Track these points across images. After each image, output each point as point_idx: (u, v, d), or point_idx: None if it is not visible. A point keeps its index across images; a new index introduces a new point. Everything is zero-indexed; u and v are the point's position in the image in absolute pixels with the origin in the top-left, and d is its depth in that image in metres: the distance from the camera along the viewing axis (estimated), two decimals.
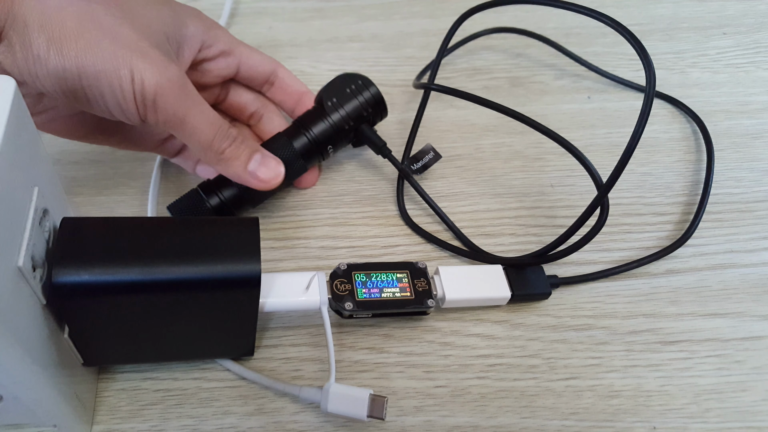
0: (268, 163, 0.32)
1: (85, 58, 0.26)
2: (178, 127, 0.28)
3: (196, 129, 0.29)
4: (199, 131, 0.29)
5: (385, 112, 0.37)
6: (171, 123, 0.28)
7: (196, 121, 0.29)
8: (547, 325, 0.33)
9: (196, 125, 0.29)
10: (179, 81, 0.28)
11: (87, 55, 0.26)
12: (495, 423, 0.29)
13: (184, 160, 0.38)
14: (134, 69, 0.26)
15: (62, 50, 0.25)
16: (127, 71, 0.26)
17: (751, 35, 0.51)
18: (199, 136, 0.29)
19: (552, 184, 0.40)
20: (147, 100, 0.27)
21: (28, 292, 0.21)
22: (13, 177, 0.21)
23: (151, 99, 0.27)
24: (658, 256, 0.35)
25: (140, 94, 0.27)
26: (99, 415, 0.29)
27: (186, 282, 0.24)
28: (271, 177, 0.32)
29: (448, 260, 0.36)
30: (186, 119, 0.28)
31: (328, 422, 0.29)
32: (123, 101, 0.27)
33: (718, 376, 0.31)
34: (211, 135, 0.30)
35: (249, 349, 0.30)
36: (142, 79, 0.26)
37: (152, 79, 0.27)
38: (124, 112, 0.28)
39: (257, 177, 0.31)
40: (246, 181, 0.32)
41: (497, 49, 0.49)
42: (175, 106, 0.28)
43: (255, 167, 0.31)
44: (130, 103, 0.27)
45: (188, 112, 0.28)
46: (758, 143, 0.43)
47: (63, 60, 0.25)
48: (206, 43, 0.33)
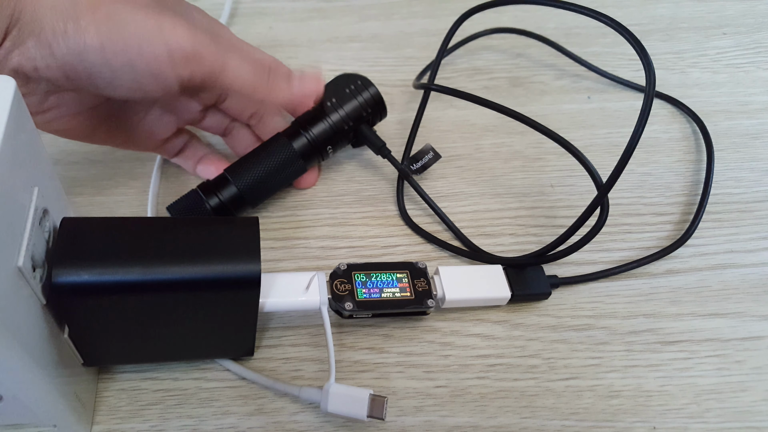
0: (305, 78, 0.33)
1: (107, 28, 0.25)
2: (221, 74, 0.28)
3: (238, 71, 0.29)
4: (242, 72, 0.29)
5: (385, 113, 0.37)
6: (215, 72, 0.28)
7: (235, 63, 0.29)
8: (547, 325, 0.33)
9: (237, 67, 0.29)
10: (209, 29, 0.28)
11: (109, 24, 0.25)
12: (495, 423, 0.29)
13: (185, 160, 0.38)
14: (164, 30, 0.26)
15: (80, 23, 0.25)
16: (157, 33, 0.26)
17: (751, 35, 0.51)
18: (243, 77, 0.29)
19: (552, 184, 0.40)
20: (187, 56, 0.26)
21: (28, 292, 0.21)
22: (13, 177, 0.21)
23: (191, 53, 0.27)
24: (658, 256, 0.35)
25: (178, 52, 0.26)
26: (99, 415, 0.29)
27: (186, 282, 0.24)
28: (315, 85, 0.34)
29: (448, 260, 0.36)
30: (227, 64, 0.28)
31: (328, 422, 0.29)
32: (156, 65, 0.26)
33: (718, 376, 0.31)
34: (252, 71, 0.30)
35: (249, 349, 0.30)
36: (176, 37, 0.26)
37: (185, 34, 0.26)
38: (156, 78, 0.27)
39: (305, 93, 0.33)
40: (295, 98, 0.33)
41: (497, 49, 0.49)
42: (214, 54, 0.28)
43: (298, 85, 0.33)
44: (164, 65, 0.26)
45: (226, 57, 0.28)
46: (758, 143, 0.43)
47: (83, 34, 0.25)
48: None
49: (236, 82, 0.29)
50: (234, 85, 0.29)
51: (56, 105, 0.29)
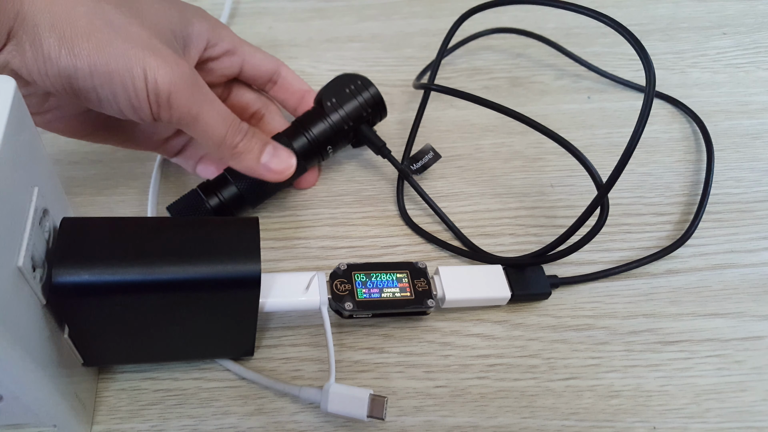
0: (280, 154, 0.32)
1: (98, 57, 0.26)
2: (192, 123, 0.29)
3: (209, 125, 0.29)
4: (213, 127, 0.29)
5: (385, 113, 0.37)
6: (185, 120, 0.28)
7: (209, 117, 0.29)
8: (547, 325, 0.33)
9: (209, 121, 0.29)
10: (191, 78, 0.28)
11: (99, 54, 0.26)
12: (495, 423, 0.29)
13: (185, 160, 0.38)
14: (147, 67, 0.26)
15: (74, 50, 0.25)
16: (140, 70, 0.26)
17: (751, 35, 0.51)
18: (212, 131, 0.29)
19: (552, 184, 0.40)
20: (161, 99, 0.27)
21: (28, 292, 0.21)
22: (13, 177, 0.21)
23: (165, 97, 0.27)
24: (658, 256, 0.35)
25: (154, 93, 0.27)
26: (99, 415, 0.29)
27: (186, 282, 0.24)
28: (283, 168, 0.32)
29: (448, 260, 0.36)
30: (199, 116, 0.28)
31: (328, 422, 0.29)
32: (136, 100, 0.27)
33: (718, 376, 0.31)
34: (224, 130, 0.30)
35: (249, 349, 0.30)
36: (156, 77, 0.26)
37: (165, 77, 0.27)
38: (136, 111, 0.28)
39: (270, 169, 0.32)
40: (260, 173, 0.32)
41: (497, 49, 0.49)
42: (188, 103, 0.28)
43: (268, 159, 0.32)
44: (143, 101, 0.27)
45: (201, 109, 0.28)
46: (758, 143, 0.43)
47: (74, 59, 0.25)
48: (211, 42, 0.33)
49: (204, 136, 0.29)
50: (202, 137, 0.29)
51: (56, 106, 0.30)
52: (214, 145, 0.30)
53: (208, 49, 0.33)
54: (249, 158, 0.31)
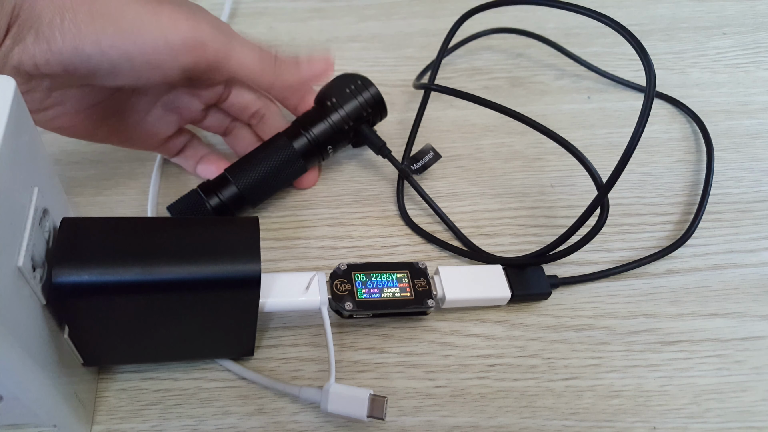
0: (315, 58, 0.34)
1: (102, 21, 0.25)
2: (227, 60, 0.29)
3: (244, 55, 0.30)
4: (248, 56, 0.30)
5: (385, 113, 0.37)
6: (219, 57, 0.29)
7: (240, 48, 0.30)
8: (547, 325, 0.33)
9: (242, 51, 0.30)
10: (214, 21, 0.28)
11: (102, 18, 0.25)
12: (495, 423, 0.29)
13: (185, 160, 0.37)
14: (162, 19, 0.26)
15: (76, 19, 0.25)
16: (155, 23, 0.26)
17: (751, 35, 0.51)
18: (250, 61, 0.30)
19: (552, 184, 0.40)
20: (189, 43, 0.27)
21: (28, 292, 0.21)
22: (13, 177, 0.21)
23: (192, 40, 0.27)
24: (658, 256, 0.35)
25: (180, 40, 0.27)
26: (99, 415, 0.29)
27: (186, 282, 0.24)
28: (327, 59, 0.34)
29: (448, 260, 0.36)
30: (232, 49, 0.29)
31: (328, 422, 0.29)
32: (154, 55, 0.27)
33: (718, 376, 0.31)
34: (258, 54, 0.30)
35: (249, 349, 0.30)
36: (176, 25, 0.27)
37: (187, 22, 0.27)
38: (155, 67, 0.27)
39: (318, 62, 0.33)
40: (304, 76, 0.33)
41: (497, 50, 0.49)
42: (218, 40, 0.28)
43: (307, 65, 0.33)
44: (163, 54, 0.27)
45: (230, 42, 0.29)
46: (758, 143, 0.43)
47: (79, 30, 0.25)
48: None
49: (243, 68, 0.30)
50: (240, 70, 0.30)
51: (58, 102, 0.29)
52: (258, 73, 0.30)
53: None
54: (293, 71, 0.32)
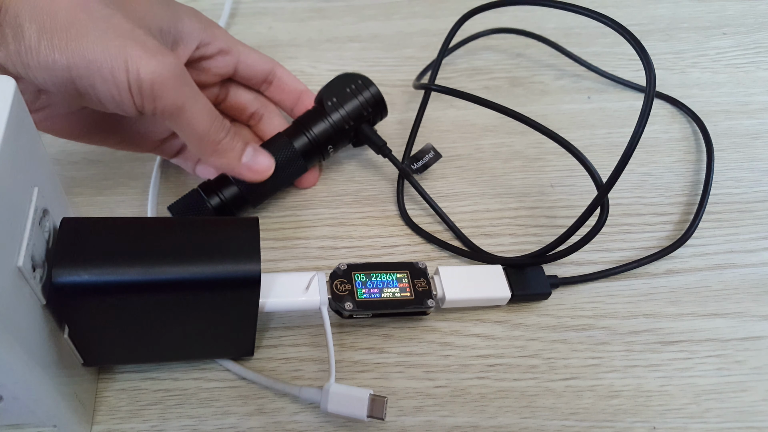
0: (259, 155, 0.33)
1: (76, 48, 0.25)
2: (176, 116, 0.28)
3: (194, 119, 0.29)
4: (198, 121, 0.29)
5: (385, 112, 0.37)
6: (168, 112, 0.28)
7: (194, 110, 0.28)
8: (547, 325, 0.33)
9: (194, 115, 0.28)
10: (176, 69, 0.27)
11: (77, 45, 0.25)
12: (495, 423, 0.29)
13: (184, 161, 0.37)
14: (128, 58, 0.26)
15: (53, 41, 0.25)
16: (121, 61, 0.26)
17: (751, 35, 0.51)
18: (196, 126, 0.29)
19: (552, 184, 0.40)
20: (144, 90, 0.26)
21: (28, 292, 0.21)
22: (13, 177, 0.21)
23: (148, 88, 0.26)
24: (658, 256, 0.35)
25: (136, 84, 0.26)
26: (99, 415, 0.29)
27: (186, 282, 0.24)
28: (263, 168, 0.33)
29: (448, 260, 0.36)
30: (184, 109, 0.28)
31: (328, 422, 0.29)
32: (116, 92, 0.26)
33: (718, 376, 0.31)
34: (209, 125, 0.29)
35: (249, 349, 0.30)
36: (138, 68, 0.26)
37: (148, 68, 0.26)
38: (118, 103, 0.27)
39: (251, 168, 0.32)
40: (239, 172, 0.32)
41: (497, 50, 0.49)
42: (173, 95, 0.27)
43: (248, 159, 0.32)
44: (124, 93, 0.26)
45: (186, 102, 0.28)
46: (758, 143, 0.43)
47: (53, 51, 0.25)
48: (204, 41, 0.33)
49: (187, 130, 0.29)
50: (185, 132, 0.29)
51: (48, 104, 0.29)
52: (197, 140, 0.29)
53: (200, 47, 0.33)
54: (231, 156, 0.31)
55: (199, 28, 0.32)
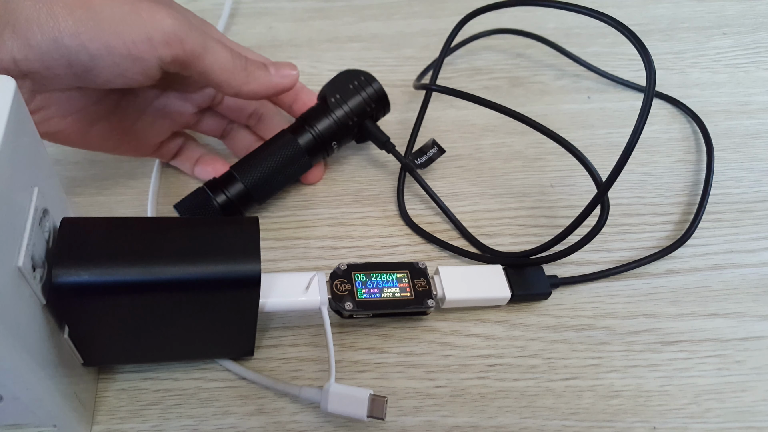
0: (279, 64, 0.33)
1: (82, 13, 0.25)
2: (202, 57, 0.29)
3: (217, 55, 0.29)
4: (222, 56, 0.30)
5: (388, 108, 0.38)
6: (195, 53, 0.28)
7: (215, 48, 0.29)
8: (547, 325, 0.33)
9: (216, 51, 0.29)
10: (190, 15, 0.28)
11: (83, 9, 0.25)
12: (495, 423, 0.29)
13: (182, 163, 0.37)
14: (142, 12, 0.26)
15: (53, 10, 0.25)
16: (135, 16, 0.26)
17: (751, 35, 0.51)
18: (222, 61, 0.30)
19: (552, 184, 0.40)
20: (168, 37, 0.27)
21: (28, 292, 0.21)
22: (13, 177, 0.21)
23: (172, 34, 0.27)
24: (658, 256, 0.35)
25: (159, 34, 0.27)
26: (99, 415, 0.29)
27: (186, 282, 0.24)
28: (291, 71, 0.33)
29: (448, 260, 0.36)
30: (207, 48, 0.29)
31: (328, 422, 0.29)
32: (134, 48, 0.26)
33: (718, 376, 0.31)
34: (232, 57, 0.30)
35: (249, 349, 0.30)
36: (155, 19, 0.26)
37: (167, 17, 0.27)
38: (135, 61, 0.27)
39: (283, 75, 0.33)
40: (275, 83, 0.32)
41: (497, 50, 0.49)
42: (195, 36, 0.28)
43: (276, 71, 0.33)
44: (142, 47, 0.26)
45: (207, 41, 0.29)
46: (758, 143, 0.43)
47: (57, 20, 0.25)
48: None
49: (215, 67, 0.29)
50: (213, 69, 0.29)
51: (44, 106, 0.29)
52: (229, 73, 0.30)
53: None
54: (262, 75, 0.32)
55: None
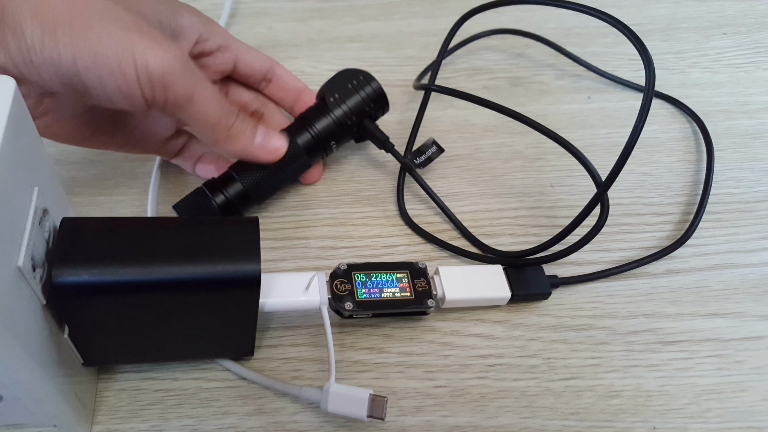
0: (272, 134, 0.32)
1: (81, 42, 0.25)
2: (187, 105, 0.28)
3: (204, 106, 0.28)
4: (208, 109, 0.29)
5: (387, 107, 0.38)
6: (180, 102, 0.27)
7: (204, 98, 0.28)
8: (547, 325, 0.33)
9: (204, 102, 0.28)
10: (183, 58, 0.27)
11: (82, 39, 0.25)
12: (495, 423, 0.29)
13: (184, 161, 0.37)
14: (135, 50, 0.26)
15: (56, 36, 0.25)
16: (128, 53, 0.25)
17: (751, 35, 0.51)
18: (207, 114, 0.29)
19: (552, 184, 0.40)
20: (154, 81, 0.26)
21: (28, 292, 0.21)
22: (13, 177, 0.21)
23: (158, 79, 0.26)
24: (658, 256, 0.35)
25: (145, 75, 0.26)
26: (99, 415, 0.29)
27: (186, 282, 0.24)
28: (278, 146, 0.33)
29: (448, 260, 0.36)
30: (194, 97, 0.28)
31: (328, 422, 0.29)
32: (125, 85, 0.26)
33: (718, 376, 0.31)
34: (219, 111, 0.29)
35: (249, 349, 0.30)
36: (146, 59, 0.26)
37: (156, 59, 0.26)
38: (126, 96, 0.27)
39: (265, 148, 0.32)
40: (255, 154, 0.32)
41: (497, 50, 0.49)
42: (183, 84, 0.27)
43: (261, 140, 0.32)
44: (133, 85, 0.26)
45: (195, 90, 0.28)
46: (758, 143, 0.43)
47: (57, 47, 0.25)
48: (203, 37, 0.33)
49: (197, 117, 0.29)
50: (194, 119, 0.29)
51: (52, 108, 0.29)
52: (209, 127, 0.29)
53: (200, 43, 0.33)
54: (244, 139, 0.31)
55: (197, 22, 0.32)
